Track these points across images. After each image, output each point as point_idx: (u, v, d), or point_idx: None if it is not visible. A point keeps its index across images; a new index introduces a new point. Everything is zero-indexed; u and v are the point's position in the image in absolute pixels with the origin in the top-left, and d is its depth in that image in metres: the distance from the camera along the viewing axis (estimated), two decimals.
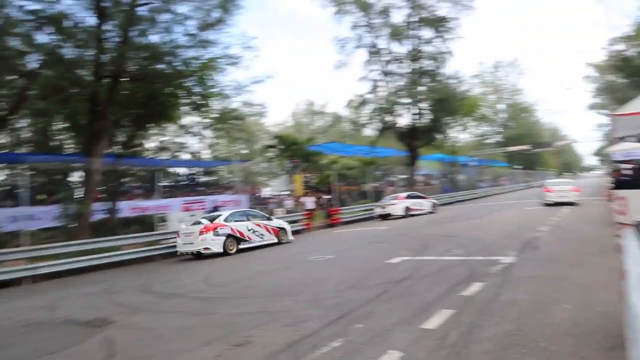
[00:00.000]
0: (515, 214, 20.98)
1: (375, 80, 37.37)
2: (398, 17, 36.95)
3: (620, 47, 42.13)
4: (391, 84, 37.48)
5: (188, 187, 31.34)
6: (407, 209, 25.67)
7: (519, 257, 9.61)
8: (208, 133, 36.55)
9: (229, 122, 28.91)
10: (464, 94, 39.15)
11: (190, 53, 19.09)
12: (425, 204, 27.12)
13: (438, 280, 7.91)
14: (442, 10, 36.10)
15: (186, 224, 16.50)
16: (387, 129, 37.15)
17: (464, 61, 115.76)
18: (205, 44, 18.98)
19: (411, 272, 8.88)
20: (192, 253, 15.16)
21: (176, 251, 15.62)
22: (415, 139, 37.20)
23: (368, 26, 36.25)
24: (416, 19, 36.18)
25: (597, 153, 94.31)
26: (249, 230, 16.08)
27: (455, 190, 42.24)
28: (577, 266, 8.23)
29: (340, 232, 20.91)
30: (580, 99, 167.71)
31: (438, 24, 36.03)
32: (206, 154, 40.79)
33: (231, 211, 17.11)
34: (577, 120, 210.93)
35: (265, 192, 41.89)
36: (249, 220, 16.48)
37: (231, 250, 15.22)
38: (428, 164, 49.20)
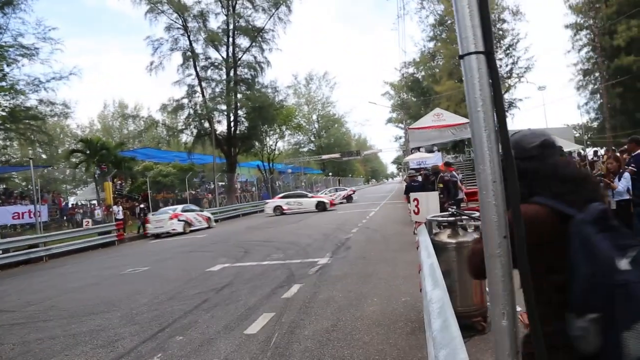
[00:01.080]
0: (328, 218, 22.35)
1: (191, 85, 36.65)
2: (215, 23, 36.84)
3: (411, 70, 48.23)
4: (208, 90, 37.10)
5: None
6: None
7: (333, 257, 10.25)
8: None
9: (23, 122, 25.61)
10: (280, 104, 40.52)
11: None
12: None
13: (259, 284, 7.99)
14: (259, 21, 37.04)
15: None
16: (204, 135, 36.61)
17: (281, 72, 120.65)
18: None
19: (232, 278, 8.83)
20: (163, 234, 21.42)
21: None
22: (233, 146, 37.31)
23: (184, 29, 35.36)
24: (232, 27, 36.44)
25: (396, 161, 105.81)
26: (195, 218, 23.32)
27: (274, 196, 43.38)
28: (383, 263, 9.08)
29: (156, 242, 19.88)
30: (382, 113, 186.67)
31: (255, 33, 36.78)
32: None
33: (183, 205, 24.34)
34: (380, 131, 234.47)
35: (71, 201, 37.89)
36: (194, 211, 23.82)
37: (186, 230, 22.09)
38: (246, 171, 49.80)
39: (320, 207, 28.69)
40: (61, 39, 31.70)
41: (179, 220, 22.00)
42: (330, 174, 74.38)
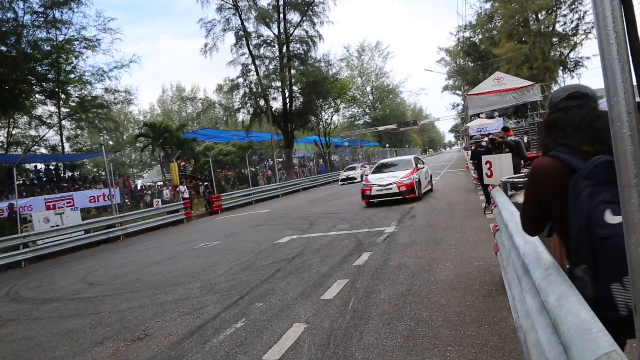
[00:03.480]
0: None
1: (245, 65, 36.99)
2: (265, 0, 36.84)
3: (467, 34, 46.42)
4: (262, 68, 37.36)
5: (50, 184, 28.58)
6: None
7: (399, 226, 10.27)
8: (68, 124, 33.72)
9: (91, 111, 26.88)
10: (334, 77, 40.30)
11: (40, 34, 17.29)
12: None
13: (329, 253, 8.16)
14: None
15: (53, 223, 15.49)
16: (261, 113, 37.06)
17: (334, 45, 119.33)
18: (55, 23, 17.24)
19: (302, 249, 9.06)
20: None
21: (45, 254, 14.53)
22: (289, 122, 37.60)
23: (235, 8, 35.60)
24: (282, 2, 36.35)
25: (454, 130, 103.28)
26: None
27: (332, 171, 43.64)
28: (450, 230, 9.02)
29: (223, 218, 20.59)
30: (438, 81, 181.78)
31: (305, 8, 36.54)
32: (67, 147, 37.48)
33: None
34: (437, 100, 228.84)
35: (139, 184, 39.73)
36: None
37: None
38: (304, 147, 50.21)
39: None
40: (120, 29, 32.91)
41: None
42: (387, 145, 73.66)
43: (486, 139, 12.78)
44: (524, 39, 37.52)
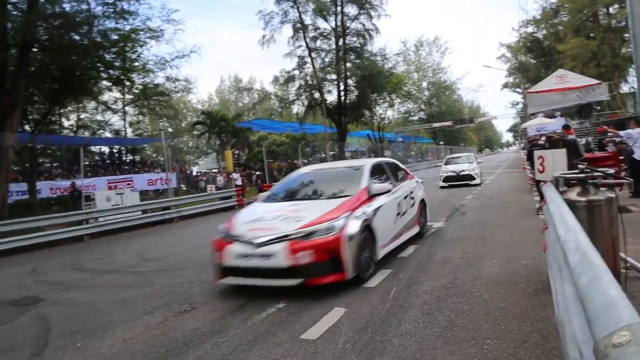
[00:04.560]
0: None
1: (301, 57, 37.14)
2: None
3: (530, 29, 44.65)
4: (318, 60, 37.48)
5: (112, 166, 30.01)
6: None
7: (448, 222, 10.16)
8: (130, 110, 35.25)
9: (152, 98, 27.91)
10: (389, 71, 39.91)
11: (108, 24, 18.12)
12: None
13: None
14: None
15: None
16: (315, 105, 37.22)
17: (389, 39, 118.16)
18: (123, 14, 18.02)
19: None
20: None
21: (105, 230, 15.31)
22: (343, 115, 37.58)
23: (293, 1, 35.83)
24: None
25: (512, 129, 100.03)
26: None
27: None
28: (500, 228, 8.83)
29: None
30: (497, 78, 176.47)
31: (363, 0, 36.32)
32: (129, 132, 39.17)
33: None
34: (495, 98, 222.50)
35: (195, 170, 40.99)
36: None
37: None
38: (356, 140, 50.12)
39: None
40: (182, 19, 33.89)
41: None
42: (441, 142, 72.35)
43: (543, 137, 12.39)
44: (591, 35, 35.79)
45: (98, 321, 5.35)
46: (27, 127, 20.11)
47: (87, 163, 27.74)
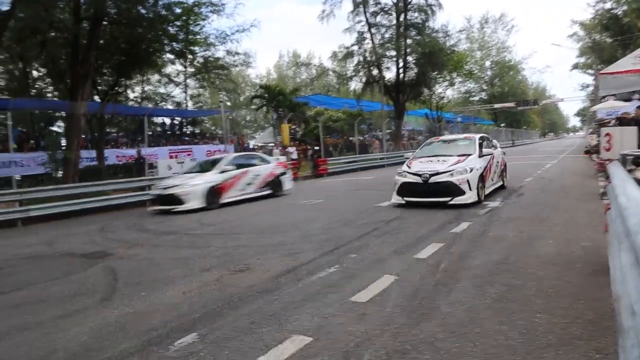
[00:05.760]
0: None
1: (360, 32, 36.61)
2: None
3: (608, 5, 41.65)
4: (377, 36, 36.88)
5: (173, 137, 31.09)
6: None
7: (504, 202, 9.94)
8: (192, 82, 36.19)
9: (213, 72, 28.52)
10: (451, 49, 38.77)
11: None
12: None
13: (428, 219, 8.18)
14: None
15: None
16: (373, 82, 36.78)
17: (452, 15, 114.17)
18: None
19: (400, 213, 9.14)
20: None
21: None
22: (401, 92, 36.97)
23: None
24: None
25: (581, 113, 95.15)
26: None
27: None
28: (559, 210, 8.56)
29: (327, 181, 21.14)
30: (567, 58, 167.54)
31: None
32: (190, 104, 40.29)
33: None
34: (563, 79, 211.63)
35: (252, 143, 41.77)
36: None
37: None
38: (414, 119, 49.28)
39: None
40: None
41: None
42: (502, 125, 69.92)
43: (614, 120, 11.80)
44: None
45: (159, 275, 5.71)
46: (96, 98, 21.08)
47: (150, 133, 28.87)
